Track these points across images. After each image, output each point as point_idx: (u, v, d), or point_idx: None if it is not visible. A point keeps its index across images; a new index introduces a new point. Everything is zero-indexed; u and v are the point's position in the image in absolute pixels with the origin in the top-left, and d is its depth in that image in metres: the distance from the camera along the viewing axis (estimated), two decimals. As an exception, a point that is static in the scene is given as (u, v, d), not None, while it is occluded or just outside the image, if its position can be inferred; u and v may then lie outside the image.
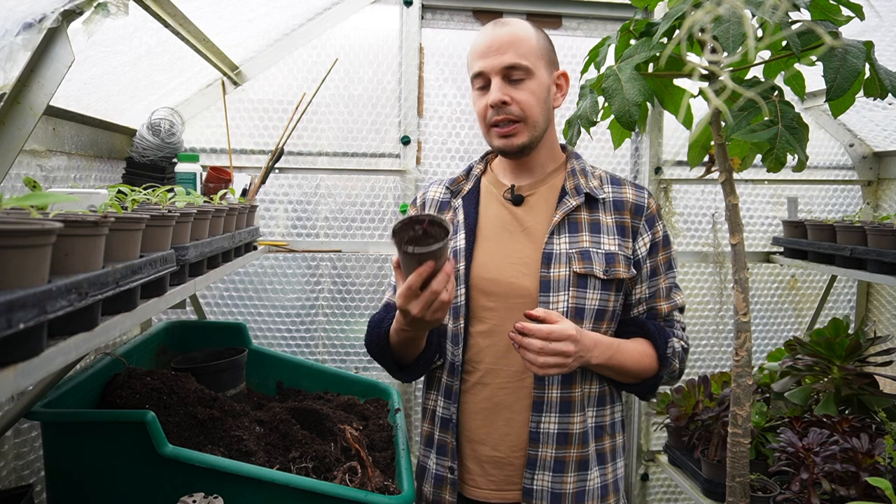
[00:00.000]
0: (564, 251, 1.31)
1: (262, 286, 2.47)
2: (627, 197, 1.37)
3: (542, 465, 1.30)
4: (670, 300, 1.39)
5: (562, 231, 1.33)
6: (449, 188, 1.46)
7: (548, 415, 1.30)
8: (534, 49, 1.30)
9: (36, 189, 0.96)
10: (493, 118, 1.30)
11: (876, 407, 1.97)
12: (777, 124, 1.16)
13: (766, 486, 1.88)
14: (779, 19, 1.06)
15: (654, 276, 1.38)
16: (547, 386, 1.30)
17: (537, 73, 1.30)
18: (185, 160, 1.88)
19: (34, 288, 0.66)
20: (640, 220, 1.36)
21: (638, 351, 1.32)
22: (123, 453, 1.29)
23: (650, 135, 2.59)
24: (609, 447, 1.37)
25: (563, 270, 1.30)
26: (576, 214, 1.34)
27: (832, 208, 2.80)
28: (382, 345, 1.33)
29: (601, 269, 1.30)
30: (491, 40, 1.29)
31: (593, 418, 1.34)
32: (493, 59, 1.28)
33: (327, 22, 2.38)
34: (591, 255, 1.30)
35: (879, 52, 1.29)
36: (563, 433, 1.31)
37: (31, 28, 1.14)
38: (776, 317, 2.82)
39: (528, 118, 1.30)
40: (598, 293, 1.30)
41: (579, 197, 1.34)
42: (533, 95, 1.29)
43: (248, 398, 1.92)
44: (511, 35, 1.29)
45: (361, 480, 1.41)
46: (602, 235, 1.33)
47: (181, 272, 1.22)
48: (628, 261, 1.33)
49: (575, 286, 1.29)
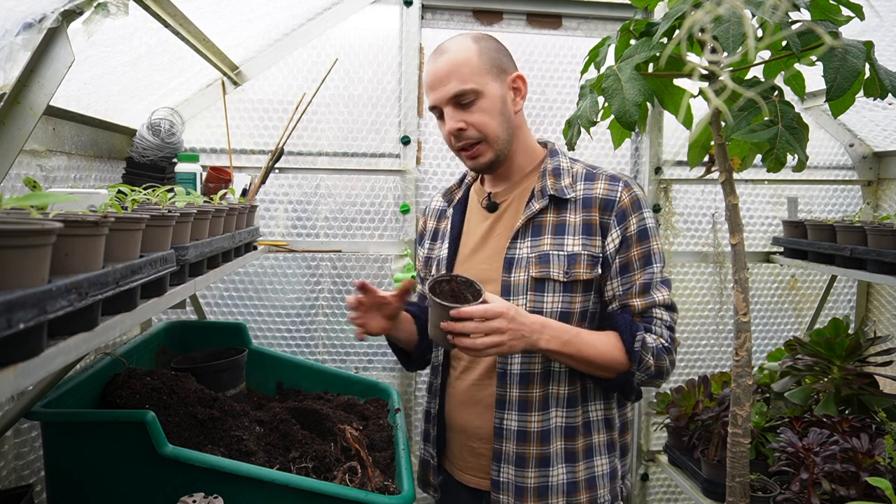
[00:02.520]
0: (525, 255, 1.33)
1: (262, 286, 2.47)
2: (597, 193, 1.34)
3: (506, 458, 1.35)
4: (647, 296, 1.33)
5: (525, 235, 1.34)
6: (444, 197, 1.55)
7: (509, 412, 1.34)
8: (475, 69, 1.31)
9: (36, 189, 0.96)
10: (456, 144, 1.36)
11: (876, 407, 1.97)
12: (777, 124, 1.16)
13: (766, 486, 1.88)
14: (779, 19, 1.06)
15: (626, 273, 1.33)
16: (508, 385, 1.34)
17: (485, 90, 1.31)
18: (185, 160, 1.88)
19: (34, 288, 0.66)
20: (609, 216, 1.32)
21: (601, 341, 1.29)
22: (123, 453, 1.29)
23: (650, 135, 2.59)
24: (582, 446, 1.36)
25: (522, 275, 1.32)
26: (540, 217, 1.35)
27: (832, 208, 2.80)
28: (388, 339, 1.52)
29: (561, 272, 1.30)
30: (434, 73, 1.32)
31: (561, 419, 1.35)
32: (439, 91, 1.31)
33: (327, 22, 2.38)
34: (549, 259, 1.31)
35: (879, 52, 1.29)
36: (523, 430, 1.33)
37: (31, 28, 1.14)
38: (776, 317, 2.82)
39: (488, 136, 1.33)
40: (559, 296, 1.31)
41: (543, 199, 1.34)
42: (486, 114, 1.31)
43: (248, 398, 1.92)
44: (449, 63, 1.31)
45: (361, 480, 1.41)
46: (566, 237, 1.33)
47: (181, 272, 1.22)
48: (594, 260, 1.32)
49: (532, 290, 1.31)
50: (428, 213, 1.59)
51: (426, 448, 1.54)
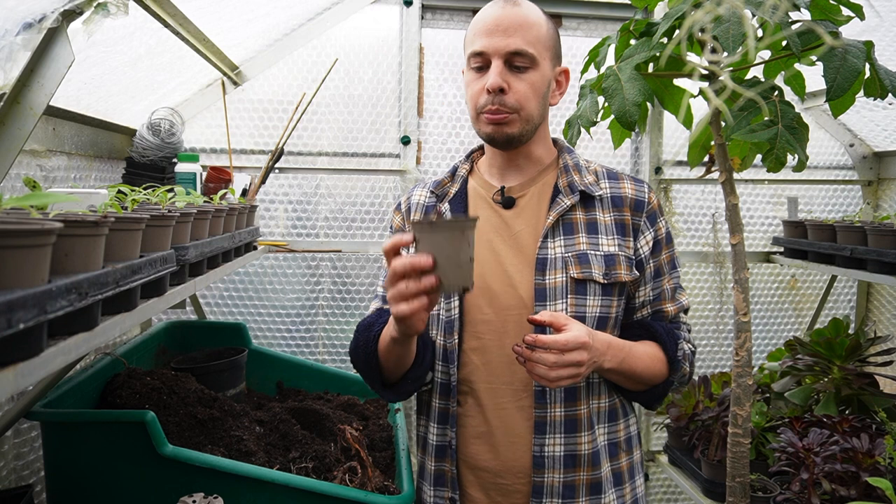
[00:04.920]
0: (560, 255, 1.19)
1: (262, 286, 2.47)
2: (626, 192, 1.26)
3: (550, 491, 1.17)
4: (676, 301, 1.29)
5: (556, 234, 1.21)
6: (434, 192, 1.33)
7: (553, 436, 1.17)
8: (542, 38, 1.18)
9: (36, 189, 0.96)
10: (486, 105, 1.17)
11: (876, 407, 1.97)
12: (777, 124, 1.16)
13: (766, 486, 1.88)
14: (779, 19, 1.06)
15: (657, 277, 1.27)
16: (549, 404, 1.17)
17: (542, 64, 1.18)
18: (185, 160, 1.88)
19: (34, 288, 0.66)
20: (640, 217, 1.25)
21: (648, 354, 1.21)
22: (123, 453, 1.29)
23: (650, 135, 2.59)
24: (626, 465, 1.24)
25: (560, 277, 1.18)
26: (571, 215, 1.23)
27: (832, 208, 2.80)
28: (370, 352, 1.19)
29: (601, 273, 1.19)
30: (499, 18, 1.15)
31: (605, 436, 1.21)
32: (498, 39, 1.14)
33: (327, 22, 2.38)
34: (588, 259, 1.19)
35: (879, 52, 1.29)
36: (571, 455, 1.17)
37: (31, 28, 1.14)
38: (776, 317, 2.82)
39: (523, 111, 1.17)
40: (599, 299, 1.19)
41: (573, 195, 1.22)
42: (532, 88, 1.17)
43: (248, 398, 1.92)
44: (522, 17, 1.16)
45: (361, 480, 1.41)
46: (600, 236, 1.22)
47: (181, 272, 1.22)
48: (630, 262, 1.22)
49: (573, 293, 1.18)
50: (413, 208, 1.34)
51: (438, 492, 1.25)
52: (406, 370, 1.19)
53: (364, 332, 1.23)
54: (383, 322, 1.19)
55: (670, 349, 1.22)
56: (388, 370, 1.20)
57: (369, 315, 1.30)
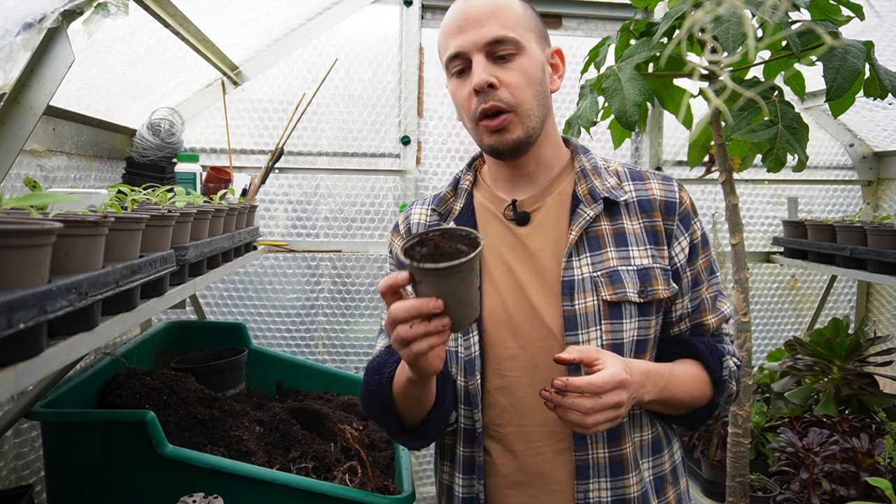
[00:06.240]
0: (588, 275, 1.03)
1: (262, 286, 2.47)
2: (655, 194, 1.09)
3: None
4: (717, 312, 1.13)
5: (581, 250, 1.05)
6: (436, 209, 1.16)
7: (596, 480, 1.03)
8: (521, 18, 1.03)
9: (36, 189, 0.96)
10: (479, 107, 1.01)
11: (876, 407, 1.97)
12: (777, 124, 1.16)
13: (766, 486, 1.88)
14: (779, 19, 1.06)
15: (696, 286, 1.11)
16: (591, 445, 1.03)
17: (528, 47, 1.03)
18: (185, 160, 1.88)
19: (34, 288, 0.66)
20: (673, 221, 1.08)
21: (689, 376, 1.07)
22: (123, 453, 1.29)
23: (650, 135, 2.59)
24: (674, 498, 1.10)
25: (591, 300, 1.03)
26: (595, 226, 1.06)
27: (832, 208, 2.80)
28: (384, 397, 1.04)
29: (636, 292, 1.03)
30: (467, 11, 1.02)
31: (650, 471, 1.08)
32: (472, 33, 1.01)
33: (327, 22, 2.38)
34: (621, 276, 1.04)
35: (879, 52, 1.29)
36: (620, 499, 1.03)
37: (31, 28, 1.14)
38: (776, 317, 2.82)
39: (521, 105, 1.02)
40: (636, 321, 1.04)
41: (597, 204, 1.06)
42: (525, 76, 1.02)
43: (248, 398, 1.92)
44: (491, 3, 1.02)
45: (361, 480, 1.41)
46: (631, 248, 1.06)
47: (181, 272, 1.22)
48: (666, 273, 1.06)
49: (607, 318, 1.02)
50: (407, 231, 1.17)
51: None
52: (427, 412, 1.04)
53: (375, 376, 1.07)
54: (395, 361, 1.05)
55: (714, 369, 1.09)
56: (408, 414, 1.05)
57: (377, 355, 1.12)
